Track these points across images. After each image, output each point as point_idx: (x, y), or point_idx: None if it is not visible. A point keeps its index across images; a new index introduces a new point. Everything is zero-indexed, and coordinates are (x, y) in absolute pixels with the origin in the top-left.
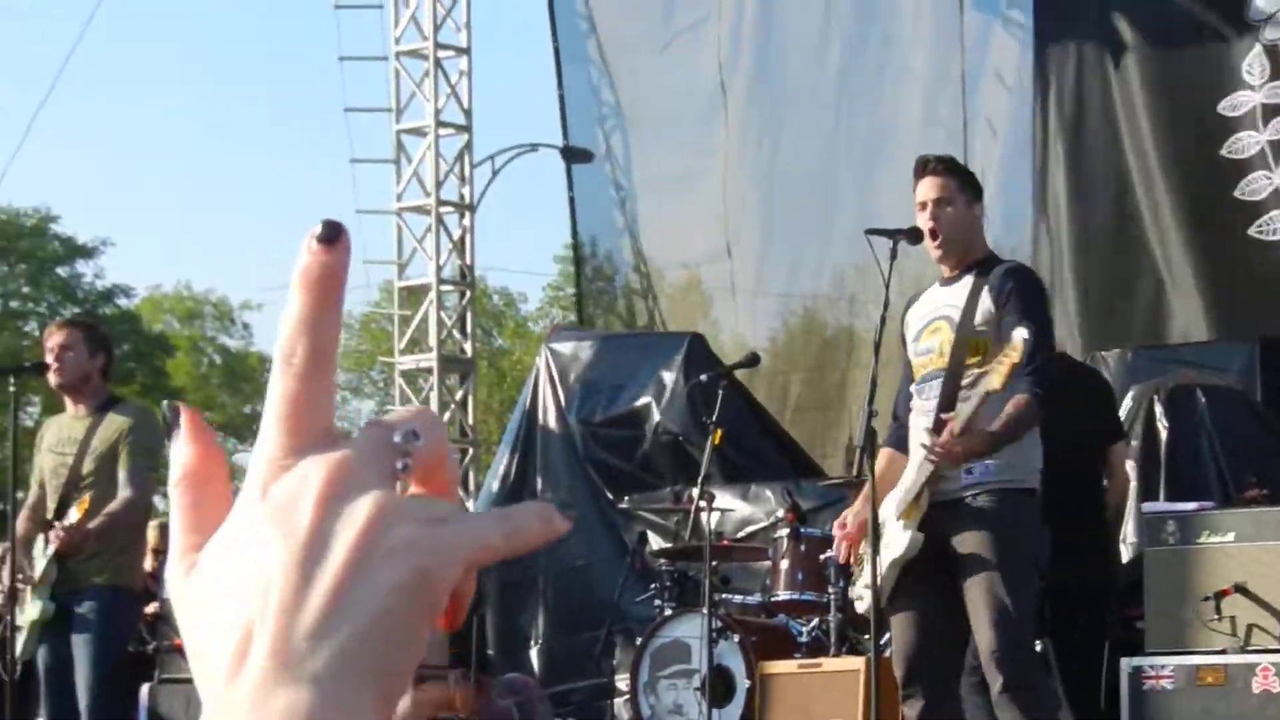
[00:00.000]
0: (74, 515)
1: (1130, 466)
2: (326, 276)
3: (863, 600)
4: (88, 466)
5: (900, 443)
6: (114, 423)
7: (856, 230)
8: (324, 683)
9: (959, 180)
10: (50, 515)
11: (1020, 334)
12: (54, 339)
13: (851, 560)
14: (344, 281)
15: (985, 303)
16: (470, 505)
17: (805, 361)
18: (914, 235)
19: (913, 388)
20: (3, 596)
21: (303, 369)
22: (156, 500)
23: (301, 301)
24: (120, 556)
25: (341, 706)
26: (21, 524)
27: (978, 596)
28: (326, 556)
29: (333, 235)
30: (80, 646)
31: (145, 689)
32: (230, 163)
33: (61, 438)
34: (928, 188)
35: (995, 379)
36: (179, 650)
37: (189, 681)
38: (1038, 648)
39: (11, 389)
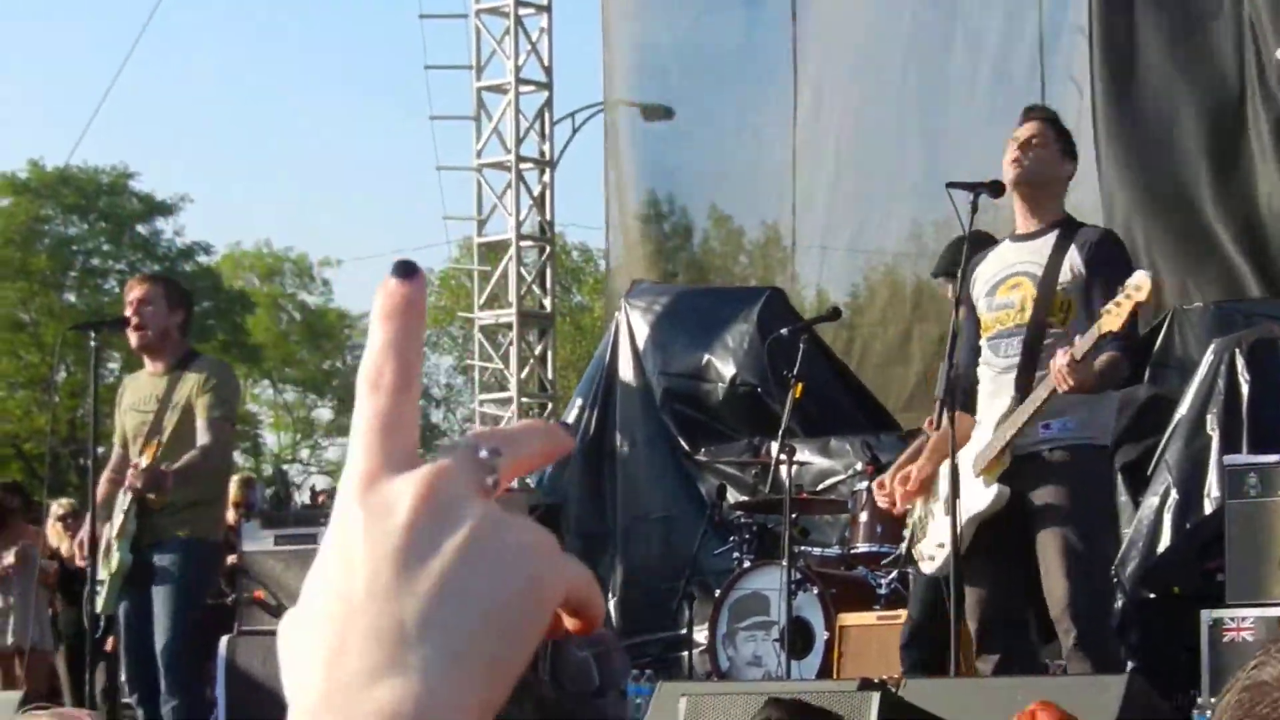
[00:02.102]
0: (144, 460)
1: (1213, 420)
2: (406, 306)
3: (933, 561)
4: (169, 421)
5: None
6: (191, 377)
7: (934, 185)
8: (431, 673)
9: (1057, 131)
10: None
11: (1144, 275)
12: (133, 294)
13: (905, 514)
14: (424, 312)
15: (1073, 260)
16: None
17: (883, 316)
18: (995, 188)
19: (984, 342)
20: (85, 553)
21: (392, 387)
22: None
23: (385, 329)
24: (202, 510)
25: (450, 701)
26: (103, 485)
27: (1051, 548)
28: (431, 553)
29: (408, 271)
30: (160, 597)
31: (224, 641)
32: (311, 120)
33: (141, 396)
34: (1025, 129)
35: (1115, 320)
36: (258, 603)
37: (268, 634)
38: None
39: (92, 344)
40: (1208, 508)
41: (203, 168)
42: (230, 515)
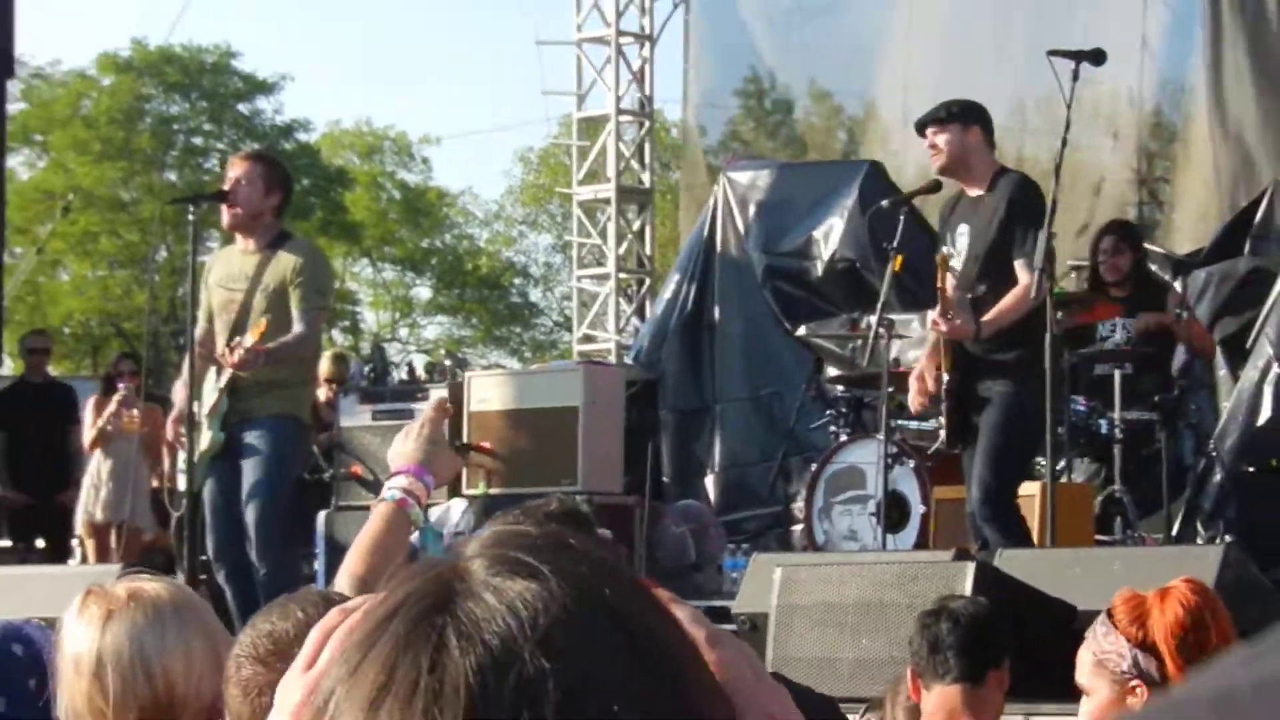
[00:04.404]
0: (249, 339)
1: None
2: None
3: None
4: (258, 303)
5: None
6: (284, 260)
7: (1036, 59)
8: None
9: None
10: (219, 351)
11: None
12: (234, 170)
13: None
14: None
15: None
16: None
17: None
18: (1097, 56)
19: None
20: (180, 431)
21: None
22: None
23: None
24: (292, 390)
25: None
26: (196, 362)
27: None
28: None
29: None
30: (249, 471)
31: (322, 516)
32: None
33: (230, 273)
34: None
35: None
36: (355, 478)
37: (364, 509)
38: None
39: (190, 218)
40: None
41: (303, 45)
42: (325, 391)
